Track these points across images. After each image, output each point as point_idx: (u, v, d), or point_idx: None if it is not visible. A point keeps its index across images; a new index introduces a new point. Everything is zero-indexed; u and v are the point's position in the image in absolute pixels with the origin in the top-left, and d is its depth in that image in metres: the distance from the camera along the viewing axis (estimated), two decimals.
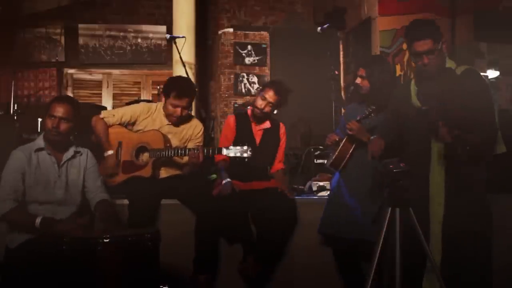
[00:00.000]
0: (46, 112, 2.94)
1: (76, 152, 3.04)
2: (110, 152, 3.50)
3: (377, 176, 2.86)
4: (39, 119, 4.80)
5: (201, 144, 3.64)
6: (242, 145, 3.27)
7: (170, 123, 3.58)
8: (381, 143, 2.95)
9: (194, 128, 3.67)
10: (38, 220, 2.74)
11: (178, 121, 3.58)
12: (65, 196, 2.93)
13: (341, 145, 3.33)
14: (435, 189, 2.76)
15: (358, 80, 3.34)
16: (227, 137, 3.68)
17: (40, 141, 2.97)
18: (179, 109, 3.50)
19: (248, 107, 3.90)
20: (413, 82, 2.92)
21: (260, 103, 3.61)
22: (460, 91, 2.64)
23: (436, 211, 2.73)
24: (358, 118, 3.23)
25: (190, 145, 3.62)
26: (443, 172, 2.74)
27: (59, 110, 2.91)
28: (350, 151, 3.31)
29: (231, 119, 3.75)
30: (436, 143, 2.74)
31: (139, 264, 2.54)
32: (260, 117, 3.68)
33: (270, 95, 3.59)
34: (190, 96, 3.54)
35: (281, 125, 3.83)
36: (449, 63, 2.81)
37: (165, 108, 3.56)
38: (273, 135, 3.76)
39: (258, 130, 3.72)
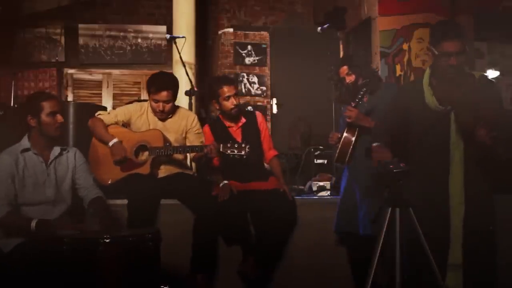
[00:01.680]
0: (40, 111, 2.86)
1: (62, 149, 3.00)
2: (114, 140, 3.45)
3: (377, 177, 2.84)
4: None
5: (200, 131, 3.66)
6: (239, 143, 3.25)
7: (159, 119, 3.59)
8: (387, 153, 2.81)
9: (188, 118, 3.66)
10: (33, 223, 2.70)
11: (164, 116, 3.57)
12: (55, 195, 2.90)
13: (343, 138, 3.29)
14: (456, 189, 2.71)
15: (347, 79, 3.36)
16: None
17: (25, 142, 2.91)
18: (160, 104, 3.49)
19: (218, 114, 3.80)
20: (425, 82, 2.82)
21: (228, 102, 3.56)
22: (478, 96, 2.61)
23: (458, 211, 2.69)
24: (353, 105, 3.23)
25: (190, 135, 3.64)
26: (463, 171, 2.70)
27: (57, 105, 2.91)
28: (353, 142, 3.26)
29: (206, 128, 3.71)
30: (456, 143, 2.71)
31: (139, 264, 2.54)
32: (236, 115, 3.65)
33: (232, 88, 3.57)
34: (168, 89, 3.48)
35: (257, 113, 3.81)
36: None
37: (150, 105, 3.57)
38: (252, 128, 3.71)
39: (235, 129, 3.68)
